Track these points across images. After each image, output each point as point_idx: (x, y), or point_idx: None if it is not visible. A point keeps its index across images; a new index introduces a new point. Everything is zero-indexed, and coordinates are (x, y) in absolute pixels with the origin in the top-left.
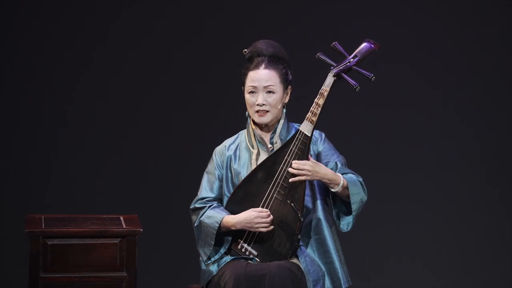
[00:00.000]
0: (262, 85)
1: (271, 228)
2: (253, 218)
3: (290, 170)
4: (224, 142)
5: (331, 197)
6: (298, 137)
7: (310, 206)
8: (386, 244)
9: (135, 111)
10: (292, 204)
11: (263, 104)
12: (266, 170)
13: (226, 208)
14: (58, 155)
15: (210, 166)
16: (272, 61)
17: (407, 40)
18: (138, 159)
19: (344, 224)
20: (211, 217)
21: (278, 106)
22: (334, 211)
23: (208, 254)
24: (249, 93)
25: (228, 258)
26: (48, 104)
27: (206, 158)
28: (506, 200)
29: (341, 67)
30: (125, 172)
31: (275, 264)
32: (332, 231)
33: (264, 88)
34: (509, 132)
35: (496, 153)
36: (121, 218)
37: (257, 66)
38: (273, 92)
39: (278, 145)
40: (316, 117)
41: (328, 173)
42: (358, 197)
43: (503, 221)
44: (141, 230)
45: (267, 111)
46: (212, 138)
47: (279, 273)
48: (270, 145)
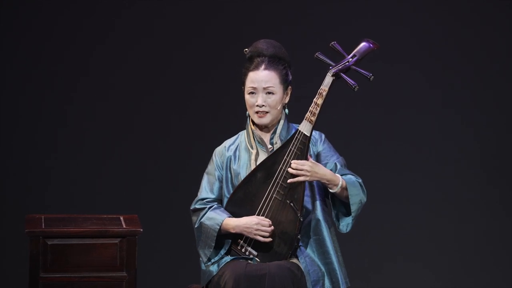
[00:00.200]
0: (261, 86)
1: (269, 240)
2: (253, 225)
3: (289, 170)
4: (224, 143)
5: (330, 198)
6: (297, 137)
7: (309, 206)
8: (386, 244)
9: (135, 111)
10: (292, 204)
11: (263, 105)
12: (265, 170)
13: (225, 208)
14: (58, 155)
15: (210, 167)
16: (272, 62)
17: (407, 40)
18: (138, 159)
19: (344, 225)
20: (212, 219)
21: (278, 107)
22: (333, 212)
23: (208, 255)
24: (249, 94)
25: (228, 258)
26: (48, 104)
27: (206, 158)
28: (506, 200)
29: (339, 66)
30: (125, 172)
31: (275, 264)
32: (331, 232)
33: (263, 89)
34: (509, 132)
35: (496, 153)
36: (121, 218)
37: (257, 67)
38: (272, 93)
39: (278, 146)
40: (315, 117)
41: (327, 173)
42: (357, 198)
43: (503, 221)
44: (141, 230)
45: (266, 112)
46: (212, 138)
47: (279, 273)
48: (270, 146)
